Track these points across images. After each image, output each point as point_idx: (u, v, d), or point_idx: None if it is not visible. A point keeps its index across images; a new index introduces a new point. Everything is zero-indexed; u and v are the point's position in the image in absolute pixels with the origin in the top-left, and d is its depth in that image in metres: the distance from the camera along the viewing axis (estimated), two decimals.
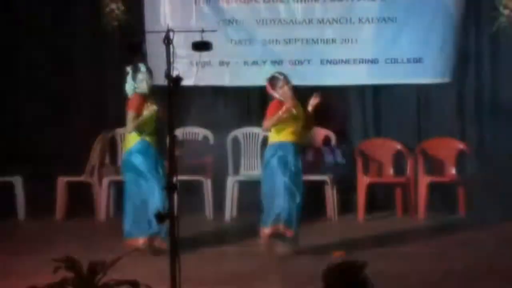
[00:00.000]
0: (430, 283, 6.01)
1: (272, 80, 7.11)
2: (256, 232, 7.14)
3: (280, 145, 6.99)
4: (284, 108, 6.93)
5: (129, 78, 7.05)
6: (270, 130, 7.10)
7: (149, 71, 7.04)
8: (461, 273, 6.26)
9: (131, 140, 7.06)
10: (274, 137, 7.07)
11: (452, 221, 8.46)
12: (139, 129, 6.97)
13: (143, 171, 6.95)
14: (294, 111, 6.97)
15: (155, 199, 6.83)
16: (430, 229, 8.15)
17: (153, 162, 6.96)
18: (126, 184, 7.08)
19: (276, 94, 7.06)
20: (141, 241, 6.92)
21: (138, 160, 6.96)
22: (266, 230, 6.95)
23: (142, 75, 6.98)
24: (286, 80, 7.06)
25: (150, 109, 6.93)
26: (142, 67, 7.04)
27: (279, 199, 6.89)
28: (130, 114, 6.97)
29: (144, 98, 7.00)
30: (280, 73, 7.17)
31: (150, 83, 7.00)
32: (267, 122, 7.04)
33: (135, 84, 7.02)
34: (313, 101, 7.09)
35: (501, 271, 6.29)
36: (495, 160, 8.72)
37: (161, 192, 6.64)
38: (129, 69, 7.05)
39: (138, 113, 6.95)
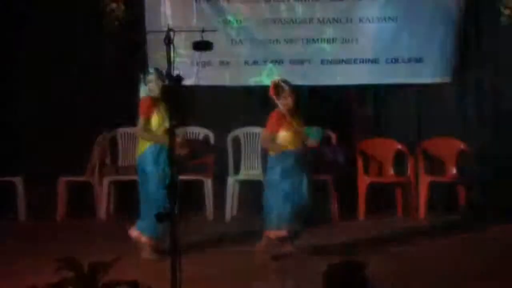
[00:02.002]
0: (430, 283, 6.01)
1: (277, 87, 6.81)
2: (256, 231, 7.14)
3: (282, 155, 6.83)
4: (280, 141, 6.77)
5: (142, 82, 6.98)
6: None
7: (159, 73, 6.89)
8: (462, 273, 6.25)
9: (144, 144, 6.90)
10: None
11: (453, 221, 8.46)
12: (146, 139, 6.89)
13: (153, 177, 6.84)
14: (292, 130, 6.78)
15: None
16: (430, 229, 8.14)
17: (163, 167, 6.73)
18: (139, 185, 7.04)
19: (278, 102, 6.82)
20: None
21: (148, 168, 6.87)
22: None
23: (150, 77, 6.90)
24: (291, 91, 6.76)
25: (158, 116, 6.84)
26: (151, 70, 6.97)
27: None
28: (140, 120, 6.83)
29: (154, 100, 6.84)
30: (286, 82, 6.83)
31: (160, 86, 6.88)
32: (265, 143, 6.91)
33: (146, 87, 6.93)
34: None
35: (501, 271, 6.29)
36: (496, 160, 8.72)
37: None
38: (142, 74, 6.98)
39: (148, 117, 6.81)
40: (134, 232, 6.91)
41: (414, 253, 7.05)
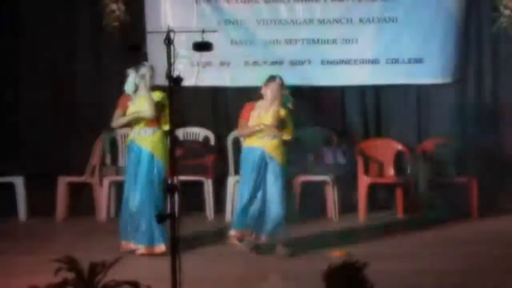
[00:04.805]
0: (430, 283, 6.01)
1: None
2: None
3: (251, 150, 7.05)
4: (260, 125, 6.95)
5: (130, 78, 7.05)
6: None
7: (151, 67, 7.04)
8: (462, 272, 6.25)
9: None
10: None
11: (453, 220, 8.45)
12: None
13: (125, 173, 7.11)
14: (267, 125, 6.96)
15: (130, 203, 6.92)
16: (430, 228, 8.14)
17: (134, 164, 6.97)
18: None
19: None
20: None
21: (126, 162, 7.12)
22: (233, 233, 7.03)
23: (143, 69, 6.99)
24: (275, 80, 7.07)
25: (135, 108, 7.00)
26: (143, 63, 7.08)
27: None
28: (116, 112, 7.14)
29: (130, 98, 7.07)
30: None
31: (149, 79, 7.02)
32: (242, 132, 7.15)
33: (136, 79, 7.02)
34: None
35: (503, 270, 6.29)
36: (495, 159, 8.72)
37: (137, 196, 6.82)
38: (130, 70, 7.05)
39: (123, 110, 7.09)
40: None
41: (415, 253, 7.05)
